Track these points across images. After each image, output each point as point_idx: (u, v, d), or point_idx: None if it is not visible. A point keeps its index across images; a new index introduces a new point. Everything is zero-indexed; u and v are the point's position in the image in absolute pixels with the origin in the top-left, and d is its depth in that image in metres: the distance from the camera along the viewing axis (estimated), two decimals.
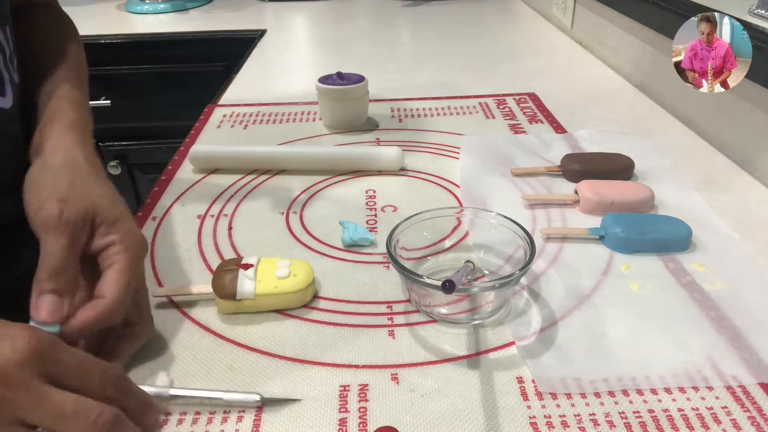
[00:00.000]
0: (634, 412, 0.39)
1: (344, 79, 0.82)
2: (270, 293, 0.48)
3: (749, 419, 0.39)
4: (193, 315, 0.49)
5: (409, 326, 0.48)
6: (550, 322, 0.47)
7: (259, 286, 0.48)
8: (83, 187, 0.41)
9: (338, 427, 0.39)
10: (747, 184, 0.68)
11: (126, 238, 0.40)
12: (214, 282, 0.48)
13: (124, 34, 1.41)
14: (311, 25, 1.51)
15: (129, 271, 0.40)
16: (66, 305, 0.37)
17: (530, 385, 0.42)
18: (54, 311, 0.36)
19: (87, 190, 0.41)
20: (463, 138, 0.79)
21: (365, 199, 0.66)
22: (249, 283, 0.48)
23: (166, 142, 1.37)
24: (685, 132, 0.81)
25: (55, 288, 0.37)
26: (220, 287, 0.48)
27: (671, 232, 0.56)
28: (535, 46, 1.25)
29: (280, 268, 0.49)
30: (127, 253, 0.40)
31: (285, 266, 0.49)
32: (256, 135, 0.83)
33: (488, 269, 0.53)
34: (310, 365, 0.44)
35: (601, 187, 0.62)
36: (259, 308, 0.49)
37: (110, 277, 0.39)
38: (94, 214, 0.40)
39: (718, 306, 0.48)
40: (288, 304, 0.49)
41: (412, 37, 1.36)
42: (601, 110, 0.89)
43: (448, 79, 1.05)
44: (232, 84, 1.06)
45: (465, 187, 0.67)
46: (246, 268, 0.49)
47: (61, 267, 0.37)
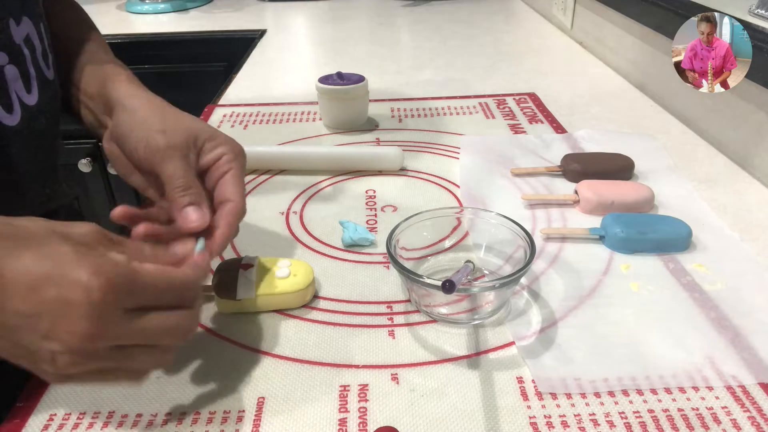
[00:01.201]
0: (634, 412, 0.39)
1: (344, 79, 0.82)
2: (270, 293, 0.48)
3: (749, 419, 0.39)
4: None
5: (409, 326, 0.48)
6: (550, 322, 0.47)
7: (259, 286, 0.48)
8: (174, 115, 0.46)
9: (338, 427, 0.39)
10: (747, 184, 0.68)
11: (232, 148, 0.46)
12: (214, 282, 0.48)
13: (124, 34, 1.41)
14: (311, 25, 1.51)
15: (243, 174, 0.46)
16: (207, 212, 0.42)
17: (530, 385, 0.42)
18: (200, 218, 0.42)
19: (179, 117, 0.46)
20: (463, 138, 0.79)
21: (365, 199, 0.66)
22: (249, 283, 0.48)
23: None
24: (685, 132, 0.81)
25: (191, 201, 0.42)
26: (219, 287, 0.48)
27: (671, 232, 0.56)
28: (535, 46, 1.25)
29: (280, 269, 0.49)
30: (237, 161, 0.45)
31: (285, 266, 0.49)
32: (256, 135, 0.83)
33: (488, 269, 0.53)
34: (310, 365, 0.44)
35: (601, 187, 0.62)
36: (259, 308, 0.49)
37: (230, 183, 0.44)
38: (195, 135, 0.45)
39: (718, 306, 0.48)
40: (288, 304, 0.49)
41: (412, 37, 1.36)
42: (601, 110, 0.89)
43: (448, 79, 1.05)
44: (232, 84, 1.06)
45: (465, 187, 0.67)
46: (246, 269, 0.49)
47: (187, 183, 0.42)
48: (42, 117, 0.50)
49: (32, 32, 0.49)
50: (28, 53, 0.48)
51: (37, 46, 0.50)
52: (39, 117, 0.50)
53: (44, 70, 0.51)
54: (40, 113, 0.50)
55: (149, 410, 0.40)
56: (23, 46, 0.48)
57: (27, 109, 0.48)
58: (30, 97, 0.49)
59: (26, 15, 0.49)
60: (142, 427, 0.39)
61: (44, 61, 0.51)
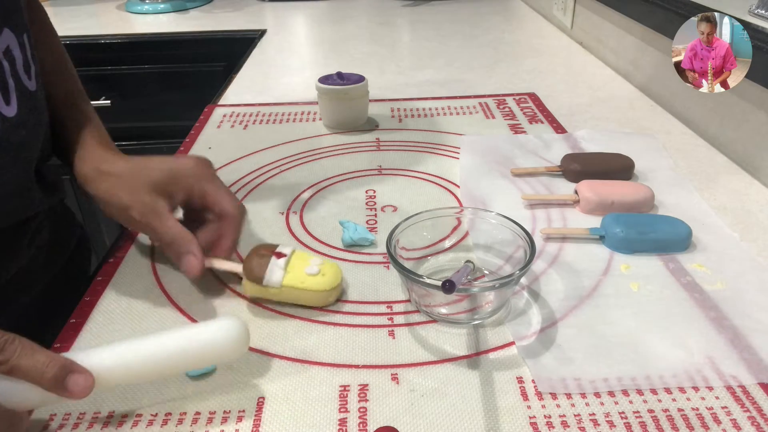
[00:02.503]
0: (634, 412, 0.39)
1: (344, 79, 0.82)
2: (296, 287, 0.48)
3: (749, 419, 0.39)
4: (192, 314, 0.49)
5: (409, 326, 0.48)
6: (550, 322, 0.47)
7: (287, 277, 0.48)
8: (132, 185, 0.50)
9: (338, 427, 0.39)
10: (747, 184, 0.68)
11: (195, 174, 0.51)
12: (245, 263, 0.49)
13: (124, 34, 1.41)
14: (311, 25, 1.51)
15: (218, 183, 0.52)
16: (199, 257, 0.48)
17: (530, 385, 0.42)
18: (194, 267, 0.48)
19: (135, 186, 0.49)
20: (463, 138, 0.79)
21: (365, 199, 0.66)
22: (278, 272, 0.48)
23: (166, 142, 1.37)
24: (685, 132, 0.81)
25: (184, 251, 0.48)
26: (249, 269, 0.48)
27: (671, 232, 0.56)
28: (535, 46, 1.25)
29: (311, 265, 0.49)
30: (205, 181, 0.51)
31: (316, 264, 0.49)
32: (256, 135, 0.83)
33: (488, 269, 0.53)
34: (310, 365, 0.44)
35: (601, 187, 0.62)
36: (282, 298, 0.49)
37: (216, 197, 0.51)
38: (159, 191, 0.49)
39: (718, 306, 0.48)
40: (310, 301, 0.49)
41: (412, 37, 1.36)
42: (601, 110, 0.89)
43: (448, 79, 1.05)
44: (232, 84, 1.06)
45: (465, 187, 0.67)
46: (279, 257, 0.49)
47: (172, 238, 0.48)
48: (22, 129, 0.49)
49: (13, 43, 0.49)
50: (7, 65, 0.48)
51: (18, 58, 0.49)
52: (18, 129, 0.49)
53: (25, 81, 0.50)
54: (20, 125, 0.49)
55: (149, 410, 0.40)
56: (2, 57, 0.47)
57: (6, 120, 0.47)
58: (8, 108, 0.48)
59: (8, 26, 0.48)
60: (142, 427, 0.39)
61: (26, 72, 0.50)
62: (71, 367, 0.35)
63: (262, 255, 0.49)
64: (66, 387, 0.35)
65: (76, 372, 0.35)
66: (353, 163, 0.74)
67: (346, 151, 0.78)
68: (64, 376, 0.35)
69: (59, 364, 0.35)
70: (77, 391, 0.35)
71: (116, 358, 0.37)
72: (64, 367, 0.35)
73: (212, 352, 0.39)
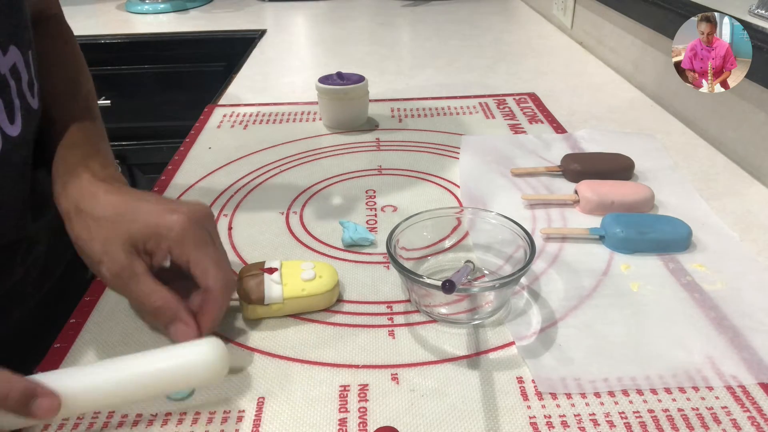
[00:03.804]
0: (634, 412, 0.39)
1: (344, 79, 0.82)
2: (298, 296, 0.47)
3: (749, 419, 0.39)
4: None
5: (409, 326, 0.48)
6: (550, 322, 0.47)
7: (286, 289, 0.47)
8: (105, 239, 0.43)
9: (338, 427, 0.39)
10: (747, 184, 0.68)
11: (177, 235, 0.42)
12: (239, 288, 0.47)
13: (124, 34, 1.41)
14: (311, 25, 1.51)
15: (204, 243, 0.43)
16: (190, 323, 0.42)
17: (530, 385, 0.42)
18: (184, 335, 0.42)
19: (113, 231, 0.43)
20: (463, 138, 0.79)
21: (365, 199, 0.66)
22: (276, 287, 0.47)
23: (166, 142, 1.38)
24: (685, 132, 0.81)
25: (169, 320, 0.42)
26: (245, 293, 0.47)
27: (671, 232, 0.56)
28: (535, 46, 1.25)
29: (304, 270, 0.48)
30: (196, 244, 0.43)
31: (309, 268, 0.48)
32: (256, 135, 0.83)
33: (488, 269, 0.53)
34: (310, 365, 0.44)
35: (601, 187, 0.62)
36: (286, 312, 0.48)
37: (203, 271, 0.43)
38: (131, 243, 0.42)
39: (718, 306, 0.48)
40: (315, 306, 0.48)
41: (412, 37, 1.36)
42: (601, 110, 0.89)
43: (448, 79, 1.05)
44: (232, 84, 1.06)
45: (465, 187, 0.67)
46: (271, 272, 0.48)
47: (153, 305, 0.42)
48: (24, 147, 0.49)
49: (19, 61, 0.47)
50: (13, 84, 0.47)
51: (23, 76, 0.48)
52: (21, 147, 0.48)
53: (29, 99, 0.49)
54: (23, 143, 0.48)
55: (149, 410, 0.40)
56: (9, 76, 0.46)
57: (9, 140, 0.47)
58: (13, 127, 0.47)
59: (14, 44, 0.47)
60: (142, 427, 0.39)
61: (30, 90, 0.49)
62: (35, 391, 0.35)
63: (253, 275, 0.47)
64: (30, 410, 0.35)
65: (40, 396, 0.35)
66: (353, 163, 0.74)
67: (346, 151, 0.78)
68: (27, 399, 0.35)
69: (21, 387, 0.35)
70: (41, 414, 0.35)
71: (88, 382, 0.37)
72: (26, 389, 0.35)
73: (189, 376, 0.38)
